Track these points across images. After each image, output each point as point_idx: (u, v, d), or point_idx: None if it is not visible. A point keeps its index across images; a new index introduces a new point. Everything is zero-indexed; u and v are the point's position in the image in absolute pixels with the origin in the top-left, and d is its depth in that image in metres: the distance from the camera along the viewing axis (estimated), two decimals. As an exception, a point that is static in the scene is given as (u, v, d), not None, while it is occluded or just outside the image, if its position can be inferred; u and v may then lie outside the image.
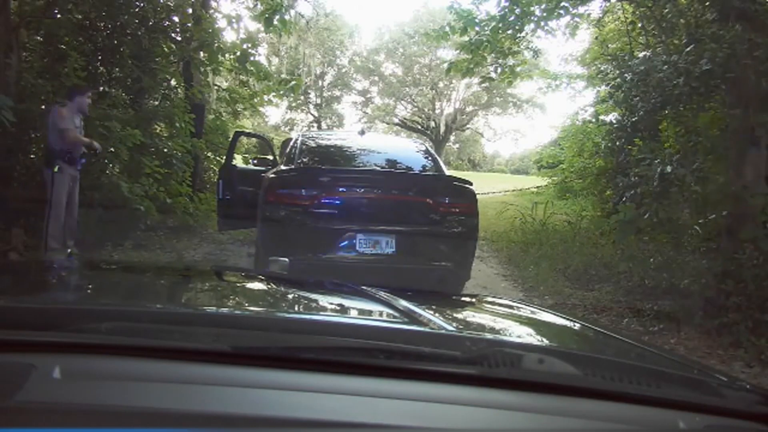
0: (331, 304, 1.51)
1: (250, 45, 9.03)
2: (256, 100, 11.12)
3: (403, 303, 1.16)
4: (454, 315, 1.45)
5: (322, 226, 4.30)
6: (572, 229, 8.63)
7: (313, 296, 1.55)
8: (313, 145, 5.58)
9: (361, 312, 1.36)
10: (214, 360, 0.79)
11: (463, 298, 2.29)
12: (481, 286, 5.78)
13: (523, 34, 8.13)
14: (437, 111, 34.08)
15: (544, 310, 1.79)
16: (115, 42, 7.76)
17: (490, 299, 1.97)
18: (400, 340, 0.89)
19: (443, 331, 1.01)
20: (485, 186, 14.48)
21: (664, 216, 4.98)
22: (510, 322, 1.49)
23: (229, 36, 15.09)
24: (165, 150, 7.83)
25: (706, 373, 1.11)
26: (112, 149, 6.67)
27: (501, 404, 0.80)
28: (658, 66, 5.57)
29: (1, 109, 5.35)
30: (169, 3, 8.55)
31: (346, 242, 4.32)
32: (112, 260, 5.33)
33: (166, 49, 8.43)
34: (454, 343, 0.91)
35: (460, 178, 4.89)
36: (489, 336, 1.19)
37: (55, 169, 5.34)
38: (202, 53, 8.64)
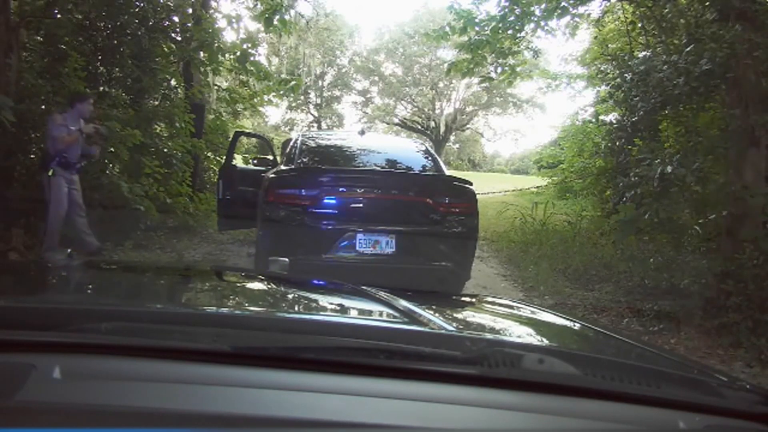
0: (331, 304, 1.51)
1: (250, 45, 9.02)
2: (256, 100, 11.12)
3: (403, 303, 1.16)
4: (454, 315, 1.45)
5: (322, 226, 4.30)
6: (572, 229, 8.63)
7: (313, 296, 1.55)
8: (313, 145, 5.57)
9: (361, 312, 1.36)
10: (214, 360, 0.79)
11: (463, 298, 2.29)
12: (481, 286, 5.78)
13: (523, 34, 8.12)
14: (437, 111, 34.08)
15: (544, 310, 1.79)
16: (115, 42, 7.76)
17: (490, 299, 1.97)
18: (400, 340, 0.89)
19: (443, 331, 1.01)
20: (485, 186, 14.48)
21: (664, 216, 4.97)
22: (510, 322, 1.49)
23: (229, 36, 15.13)
24: (165, 150, 7.83)
25: (706, 373, 1.12)
26: (112, 149, 6.67)
27: (501, 404, 0.80)
28: (658, 66, 5.56)
29: (1, 109, 5.36)
30: (169, 3, 8.54)
31: (346, 242, 4.31)
32: (112, 260, 5.33)
33: (166, 49, 8.43)
34: (454, 343, 0.91)
35: (460, 178, 4.89)
36: (489, 336, 1.19)
37: (50, 173, 5.41)
38: (202, 53, 8.63)
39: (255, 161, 7.13)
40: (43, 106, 6.51)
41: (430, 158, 5.46)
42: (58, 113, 5.56)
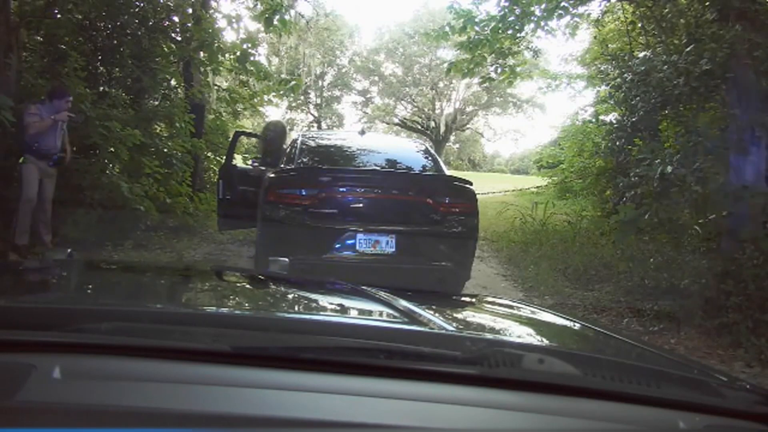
0: (331, 304, 1.51)
1: (250, 45, 9.02)
2: (256, 100, 11.12)
3: (403, 303, 1.16)
4: (454, 315, 1.45)
5: (322, 226, 4.30)
6: (572, 229, 8.63)
7: (313, 296, 1.55)
8: (313, 145, 5.58)
9: (361, 312, 1.36)
10: (214, 360, 0.79)
11: (463, 298, 2.29)
12: (481, 286, 5.78)
13: (523, 34, 8.12)
14: (437, 111, 34.06)
15: (544, 310, 1.79)
16: (115, 42, 7.76)
17: (490, 299, 1.97)
18: (400, 340, 0.89)
19: (443, 331, 1.01)
20: (485, 186, 14.46)
21: (664, 216, 4.97)
22: (510, 322, 1.48)
23: (229, 36, 15.11)
24: (165, 150, 7.82)
25: (706, 373, 1.11)
26: (112, 149, 6.67)
27: (501, 404, 0.80)
28: (658, 66, 5.56)
29: (1, 109, 5.37)
30: (169, 3, 8.54)
31: (346, 242, 4.31)
32: (112, 260, 5.33)
33: (166, 49, 8.43)
34: (454, 343, 0.91)
35: (460, 178, 4.89)
36: (489, 336, 1.19)
37: (21, 161, 5.53)
38: (202, 53, 8.63)
39: (255, 161, 7.14)
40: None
41: (430, 158, 5.46)
42: (33, 104, 5.66)
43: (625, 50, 8.74)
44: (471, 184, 4.75)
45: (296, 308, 1.43)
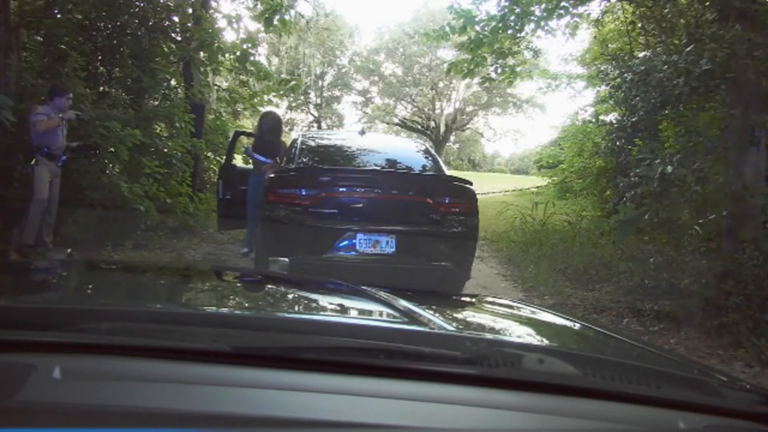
0: (331, 304, 1.51)
1: (250, 45, 9.02)
2: (256, 100, 11.11)
3: (403, 303, 1.16)
4: (454, 315, 1.45)
5: (322, 226, 4.30)
6: (572, 229, 8.62)
7: (313, 296, 1.55)
8: (313, 145, 5.58)
9: (361, 312, 1.36)
10: (214, 360, 0.79)
11: (463, 298, 2.29)
12: (481, 286, 5.78)
13: (523, 34, 8.11)
14: (437, 111, 34.06)
15: (544, 310, 1.79)
16: (115, 42, 7.76)
17: (490, 299, 1.97)
18: (400, 340, 0.89)
19: (443, 331, 1.01)
20: (485, 186, 14.43)
21: (664, 216, 4.97)
22: (510, 322, 1.49)
23: (229, 36, 15.11)
24: (165, 150, 7.82)
25: (706, 373, 1.11)
26: (112, 149, 6.67)
27: (501, 404, 0.80)
28: (658, 66, 5.56)
29: (1, 109, 5.38)
30: (169, 3, 8.55)
31: (346, 242, 4.31)
32: (112, 260, 5.33)
33: (166, 49, 8.43)
34: (454, 343, 0.91)
35: (460, 178, 4.89)
36: (489, 336, 1.19)
37: (32, 162, 5.56)
38: (202, 53, 8.63)
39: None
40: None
41: (430, 158, 5.46)
42: (38, 105, 5.69)
43: (625, 50, 8.74)
44: (471, 184, 4.75)
45: (296, 308, 1.43)
